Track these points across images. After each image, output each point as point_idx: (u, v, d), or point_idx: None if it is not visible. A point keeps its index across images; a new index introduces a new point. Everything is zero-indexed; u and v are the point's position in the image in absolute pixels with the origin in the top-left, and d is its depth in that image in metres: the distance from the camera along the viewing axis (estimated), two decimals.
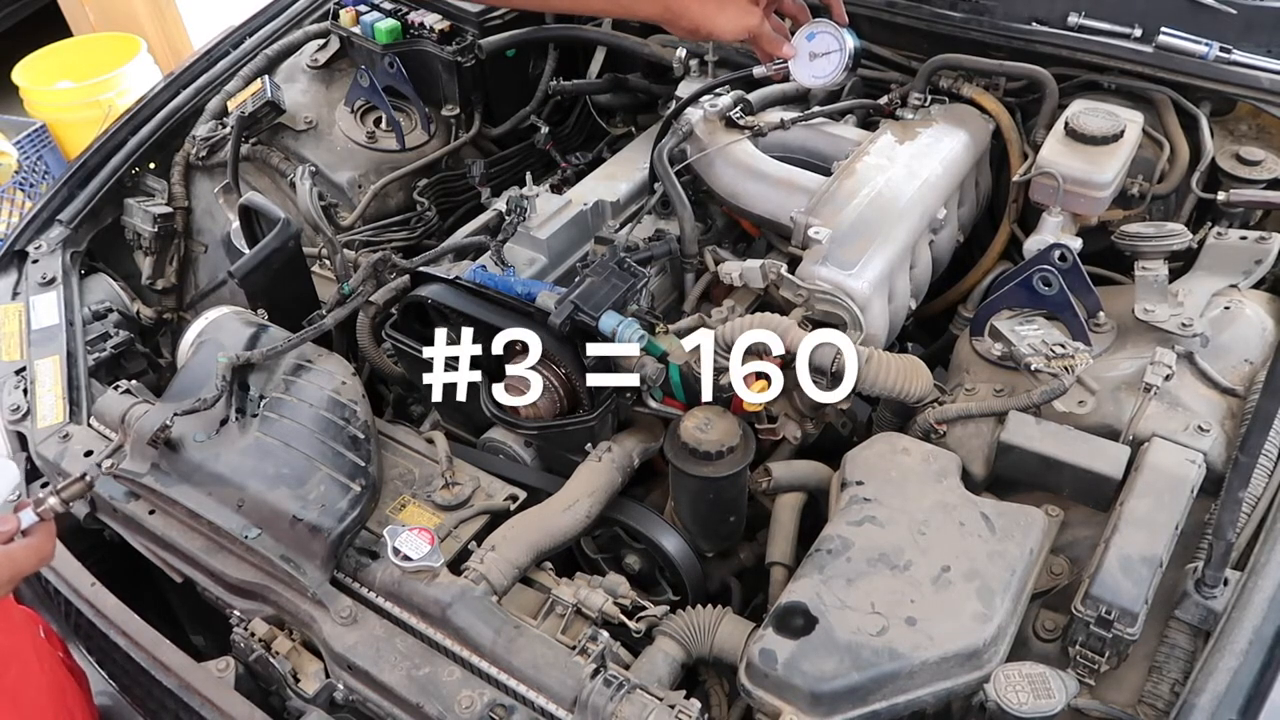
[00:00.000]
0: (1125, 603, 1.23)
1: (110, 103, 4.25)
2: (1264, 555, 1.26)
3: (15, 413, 1.76)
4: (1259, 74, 1.88)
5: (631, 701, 1.22)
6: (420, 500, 1.54)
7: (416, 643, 1.36)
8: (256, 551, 1.43)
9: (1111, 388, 1.52)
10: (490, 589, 1.38)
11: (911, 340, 2.32)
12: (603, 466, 1.58)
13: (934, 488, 1.41)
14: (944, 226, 1.93)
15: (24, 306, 1.94)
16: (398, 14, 2.42)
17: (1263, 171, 1.87)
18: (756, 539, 1.69)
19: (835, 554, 1.32)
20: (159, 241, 2.24)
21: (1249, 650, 1.16)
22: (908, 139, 1.93)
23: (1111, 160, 1.81)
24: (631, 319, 1.53)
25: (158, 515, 1.55)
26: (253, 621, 1.44)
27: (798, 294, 1.67)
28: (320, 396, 1.57)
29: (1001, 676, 1.18)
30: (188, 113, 2.32)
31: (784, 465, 1.62)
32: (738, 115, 1.96)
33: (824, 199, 1.78)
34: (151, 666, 1.45)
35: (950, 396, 1.62)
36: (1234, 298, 1.65)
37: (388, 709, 1.33)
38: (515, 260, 1.85)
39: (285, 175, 2.28)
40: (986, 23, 2.05)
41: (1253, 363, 1.55)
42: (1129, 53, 1.95)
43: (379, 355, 1.91)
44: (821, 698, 1.19)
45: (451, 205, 2.45)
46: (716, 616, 1.40)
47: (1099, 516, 1.42)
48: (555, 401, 1.61)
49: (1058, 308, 1.61)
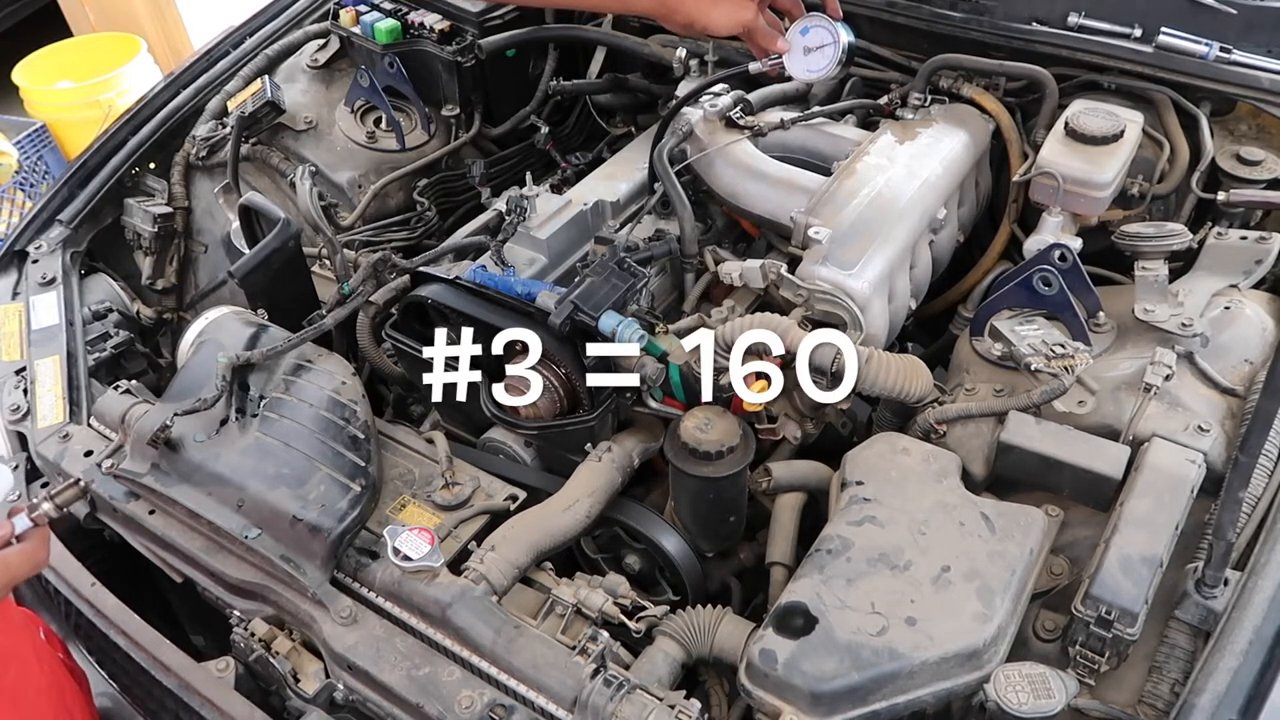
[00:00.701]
0: (1125, 603, 1.23)
1: (110, 103, 4.25)
2: (1264, 555, 1.26)
3: (15, 413, 1.76)
4: (1259, 74, 1.88)
5: (631, 701, 1.22)
6: (420, 500, 1.54)
7: (416, 643, 1.36)
8: (256, 551, 1.43)
9: (1111, 388, 1.52)
10: (490, 589, 1.38)
11: (911, 340, 2.32)
12: (603, 466, 1.58)
13: (934, 488, 1.41)
14: (944, 226, 1.93)
15: (24, 306, 1.94)
16: (398, 14, 2.42)
17: (1263, 171, 1.87)
18: (756, 539, 1.69)
19: (835, 554, 1.32)
20: (159, 241, 2.24)
21: (1249, 650, 1.16)
22: (908, 139, 1.93)
23: (1111, 160, 1.81)
24: (631, 319, 1.53)
25: (158, 515, 1.55)
26: (253, 621, 1.44)
27: (798, 294, 1.67)
28: (320, 396, 1.57)
29: (1001, 676, 1.18)
30: (188, 113, 2.32)
31: (784, 465, 1.62)
32: (737, 115, 1.96)
33: (824, 199, 1.78)
34: (151, 666, 1.45)
35: (950, 396, 1.62)
36: (1234, 298, 1.65)
37: (388, 709, 1.33)
38: (515, 260, 1.84)
39: (285, 175, 2.28)
40: (986, 23, 2.05)
41: (1253, 363, 1.55)
42: (1129, 53, 1.95)
43: (379, 355, 1.91)
44: (821, 698, 1.19)
45: (451, 205, 2.45)
46: (716, 617, 1.40)
47: (1099, 516, 1.42)
48: (555, 401, 1.61)
49: (1058, 308, 1.61)
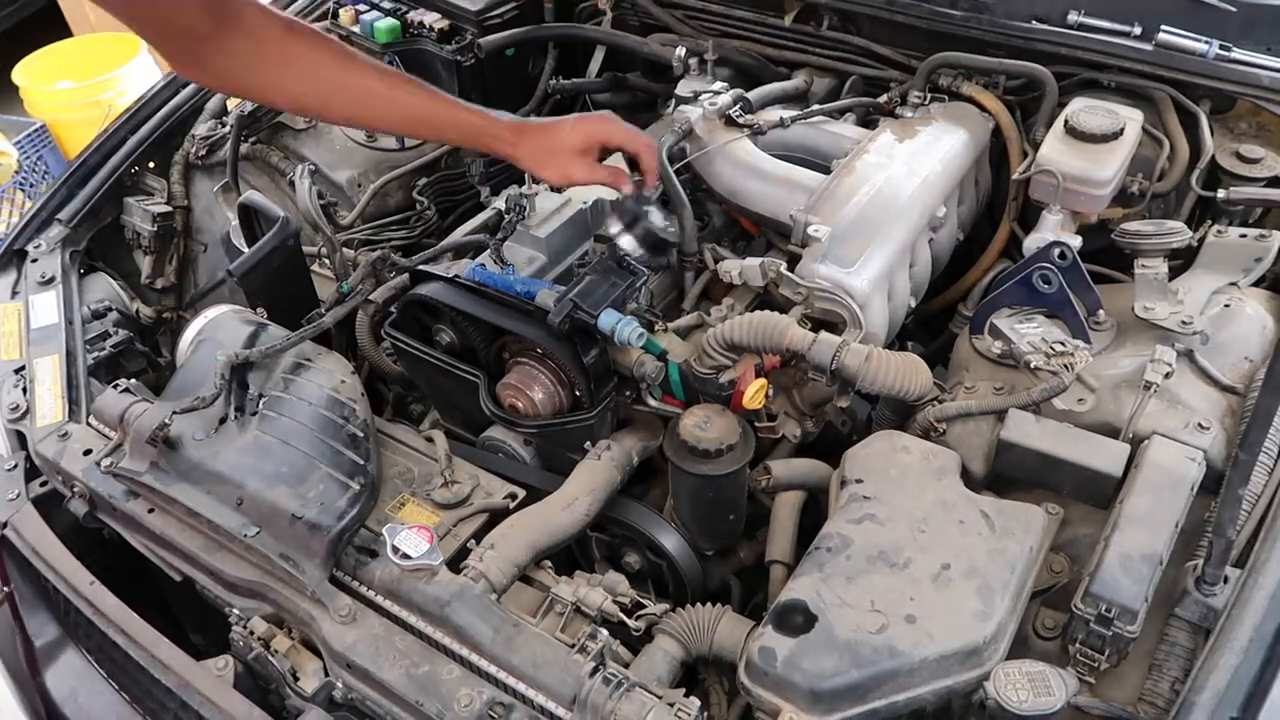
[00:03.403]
0: (1125, 600, 1.23)
1: (110, 103, 4.24)
2: (1264, 553, 1.26)
3: (14, 412, 1.76)
4: (1259, 72, 1.88)
5: (631, 700, 1.22)
6: (419, 499, 1.54)
7: (415, 641, 1.36)
8: (255, 550, 1.43)
9: (1111, 385, 1.52)
10: (489, 587, 1.38)
11: (911, 338, 2.32)
12: (602, 465, 1.58)
13: (934, 486, 1.41)
14: (944, 224, 1.93)
15: (23, 305, 1.93)
16: (397, 13, 2.42)
17: (1263, 169, 1.87)
18: (756, 537, 1.69)
19: (835, 552, 1.32)
20: (158, 240, 2.24)
21: (1249, 648, 1.15)
22: (907, 137, 1.93)
23: (1111, 158, 1.81)
24: (630, 317, 1.53)
25: (157, 514, 1.55)
26: (252, 620, 1.44)
27: (797, 292, 1.67)
28: (319, 395, 1.57)
29: (1001, 674, 1.18)
30: (187, 112, 2.32)
31: (783, 463, 1.62)
32: (737, 113, 1.96)
33: (823, 197, 1.78)
34: (151, 665, 1.45)
35: (950, 394, 1.62)
36: (1234, 295, 1.65)
37: (387, 707, 1.33)
38: (514, 259, 1.84)
39: (285, 174, 2.28)
40: (986, 20, 2.05)
41: (1253, 360, 1.55)
42: (1129, 50, 1.95)
43: (378, 354, 1.90)
44: (821, 695, 1.18)
45: (451, 204, 2.45)
46: (716, 615, 1.39)
47: (1099, 514, 1.41)
48: (554, 400, 1.61)
49: (1057, 306, 1.61)
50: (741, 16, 2.35)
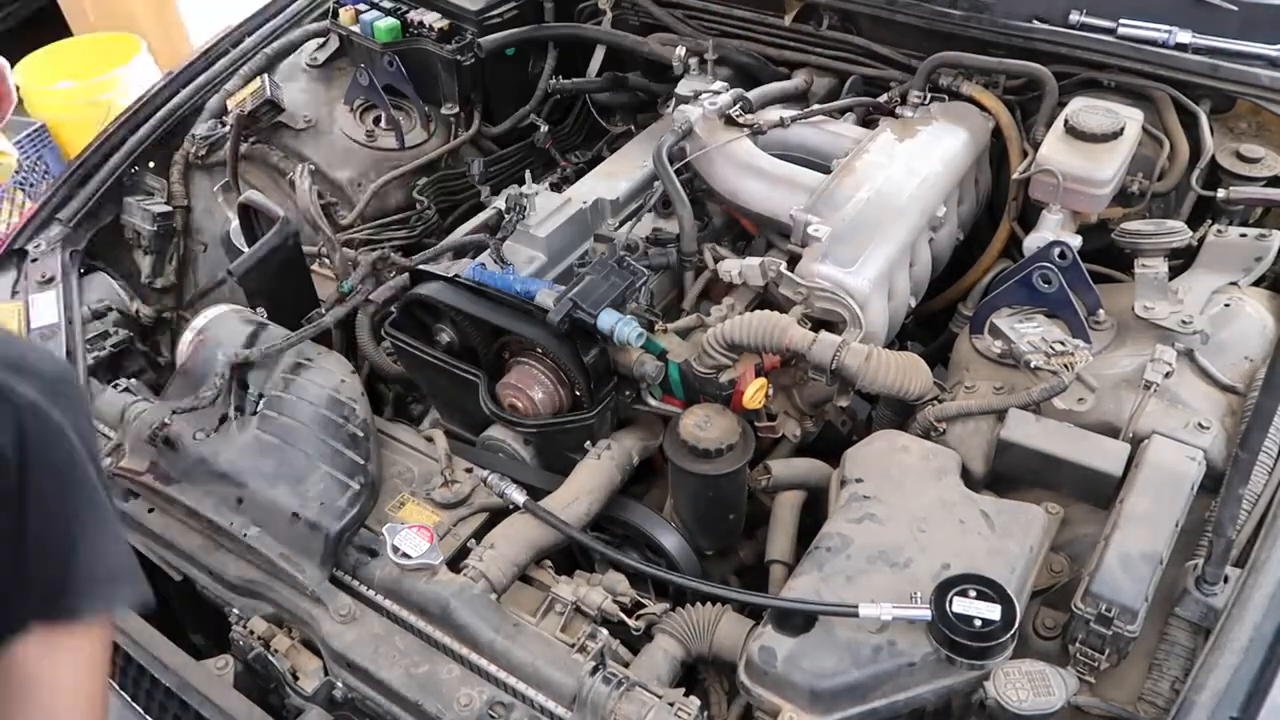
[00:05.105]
0: (1125, 600, 1.23)
1: (110, 102, 4.23)
2: (1264, 552, 1.26)
3: None
4: (1259, 71, 1.88)
5: (631, 699, 1.22)
6: (419, 498, 1.54)
7: (415, 640, 1.36)
8: (255, 549, 1.43)
9: (1111, 385, 1.52)
10: (489, 587, 1.38)
11: (911, 338, 2.31)
12: (602, 464, 1.58)
13: (934, 485, 1.41)
14: (944, 224, 1.93)
15: (23, 305, 1.93)
16: (397, 12, 2.42)
17: (1262, 169, 1.87)
18: (756, 537, 1.69)
19: (835, 551, 1.32)
20: (158, 240, 2.23)
21: (1249, 647, 1.15)
22: (907, 137, 1.93)
23: (1111, 158, 1.81)
24: (630, 317, 1.53)
25: (156, 513, 1.55)
26: (252, 619, 1.44)
27: (797, 292, 1.67)
28: (319, 394, 1.57)
29: (1001, 674, 1.18)
30: (187, 111, 2.32)
31: (783, 463, 1.62)
32: (737, 113, 1.96)
33: (823, 196, 1.78)
34: (150, 665, 1.45)
35: (950, 394, 1.62)
36: (1234, 295, 1.65)
37: (387, 707, 1.33)
38: (514, 258, 1.84)
39: (285, 174, 2.28)
40: (986, 20, 2.05)
41: (1253, 360, 1.55)
42: (1129, 50, 1.94)
43: (378, 354, 1.90)
44: (821, 695, 1.18)
45: (451, 204, 2.45)
46: (716, 614, 1.39)
47: (1099, 514, 1.41)
48: (554, 399, 1.61)
49: (1058, 305, 1.61)
50: (741, 16, 2.35)
